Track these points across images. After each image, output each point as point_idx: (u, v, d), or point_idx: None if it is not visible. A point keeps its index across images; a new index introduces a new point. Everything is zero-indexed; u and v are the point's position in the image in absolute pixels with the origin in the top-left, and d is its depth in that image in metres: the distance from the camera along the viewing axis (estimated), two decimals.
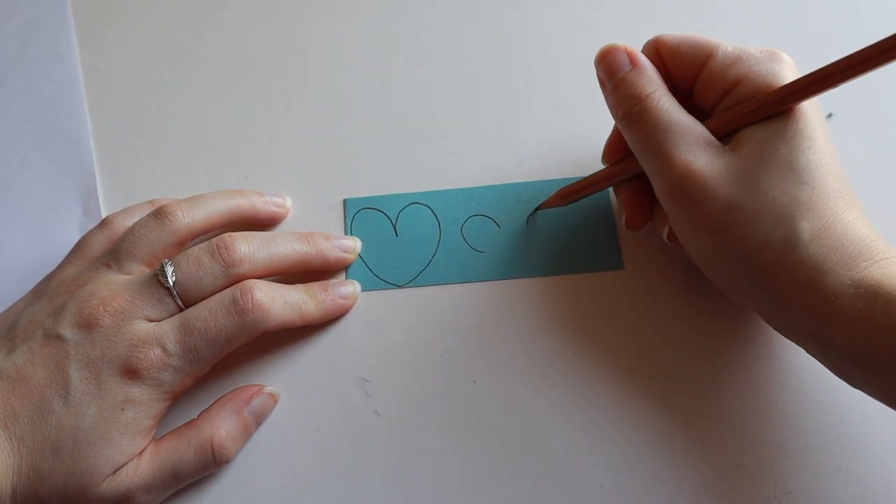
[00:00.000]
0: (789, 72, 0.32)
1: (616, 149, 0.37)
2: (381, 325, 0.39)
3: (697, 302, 0.38)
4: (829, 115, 0.42)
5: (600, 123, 0.43)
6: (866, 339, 0.28)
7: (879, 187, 0.41)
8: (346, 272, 0.40)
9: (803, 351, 0.36)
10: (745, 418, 0.36)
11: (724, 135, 0.32)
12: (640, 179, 0.36)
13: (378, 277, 0.40)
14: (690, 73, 0.34)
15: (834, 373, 0.31)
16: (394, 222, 0.41)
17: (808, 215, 0.29)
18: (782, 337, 0.37)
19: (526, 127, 0.43)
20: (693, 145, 0.31)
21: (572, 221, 0.41)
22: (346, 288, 0.39)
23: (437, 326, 0.39)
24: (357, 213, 0.41)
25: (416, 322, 0.39)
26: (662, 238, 0.36)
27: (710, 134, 0.32)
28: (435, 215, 0.41)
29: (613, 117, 0.35)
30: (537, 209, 0.40)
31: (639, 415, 0.36)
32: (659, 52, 0.34)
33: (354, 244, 0.40)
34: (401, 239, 0.41)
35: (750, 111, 0.31)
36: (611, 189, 0.41)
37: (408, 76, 0.45)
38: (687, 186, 0.31)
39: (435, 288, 0.40)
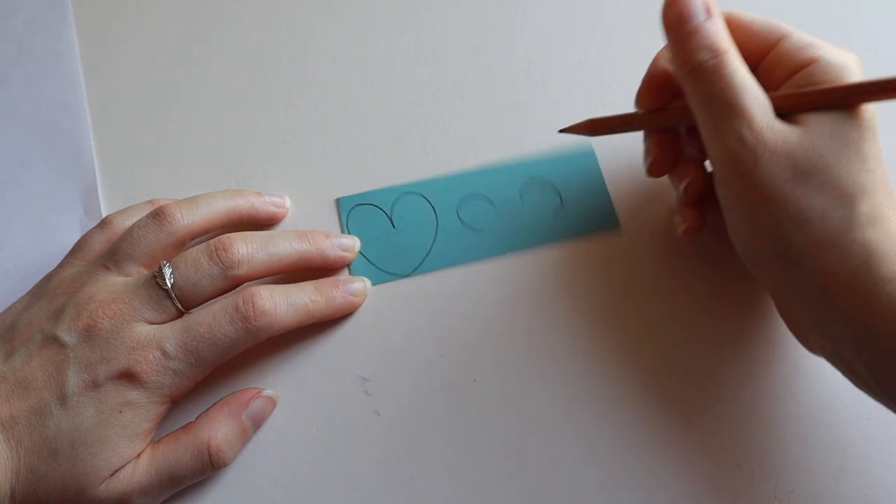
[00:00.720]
0: (857, 69, 0.32)
1: (652, 94, 0.37)
2: (382, 323, 0.39)
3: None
4: None
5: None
6: None
7: None
8: (350, 270, 0.40)
9: (804, 350, 0.36)
10: (746, 417, 0.36)
11: (789, 111, 0.32)
12: (674, 130, 0.36)
13: (382, 270, 0.40)
14: (760, 51, 0.34)
15: (859, 381, 0.31)
16: (389, 215, 0.41)
17: (868, 200, 0.29)
18: (782, 335, 0.37)
19: (526, 126, 0.43)
20: (766, 111, 0.31)
21: (565, 189, 0.41)
22: (357, 285, 0.39)
23: (445, 312, 0.39)
24: (352, 211, 0.41)
25: (422, 313, 0.39)
26: (678, 193, 0.36)
27: (774, 113, 0.32)
28: (429, 202, 0.41)
29: (678, 68, 0.33)
30: (562, 130, 0.39)
31: (639, 414, 0.36)
32: (729, 26, 0.33)
33: (353, 243, 0.40)
34: (399, 230, 0.41)
35: (826, 95, 0.31)
36: (595, 151, 0.42)
37: (408, 76, 0.45)
38: (757, 150, 0.30)
39: (440, 273, 0.40)
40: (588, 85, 0.44)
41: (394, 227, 0.41)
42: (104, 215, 0.40)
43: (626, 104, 0.43)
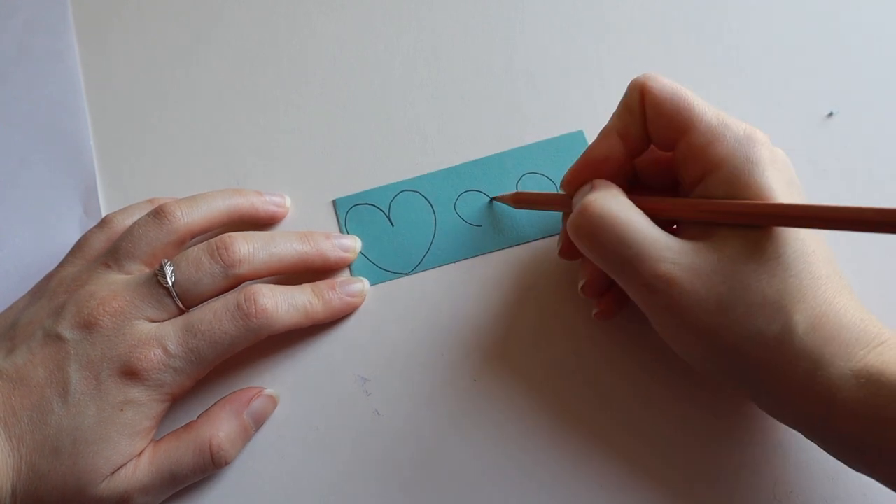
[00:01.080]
0: (766, 152, 0.31)
1: (577, 182, 0.35)
2: (382, 323, 0.39)
3: None
4: (830, 115, 0.42)
5: (601, 123, 0.43)
6: (872, 431, 0.27)
7: (880, 187, 0.40)
8: (351, 270, 0.40)
9: None
10: (745, 417, 0.36)
11: (704, 223, 0.31)
12: None
13: (383, 269, 0.40)
14: (670, 135, 0.33)
15: (834, 456, 0.31)
16: (387, 213, 0.41)
17: (800, 307, 0.28)
18: None
19: (526, 126, 0.43)
20: (668, 252, 0.30)
21: (559, 179, 0.41)
22: (355, 286, 0.39)
23: (444, 311, 0.39)
24: (350, 211, 0.41)
25: (422, 313, 0.39)
26: (577, 289, 0.36)
27: (679, 242, 0.30)
28: (426, 199, 0.42)
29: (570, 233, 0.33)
30: (492, 199, 0.41)
31: (639, 413, 0.36)
32: (643, 98, 0.33)
33: (354, 243, 0.40)
34: (397, 228, 0.41)
35: (732, 215, 0.30)
36: (585, 139, 0.43)
37: (408, 76, 0.45)
38: (672, 293, 0.29)
39: (439, 271, 0.40)
40: (588, 85, 0.44)
41: (392, 225, 0.41)
42: (104, 215, 0.40)
43: None
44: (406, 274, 0.40)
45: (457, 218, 0.41)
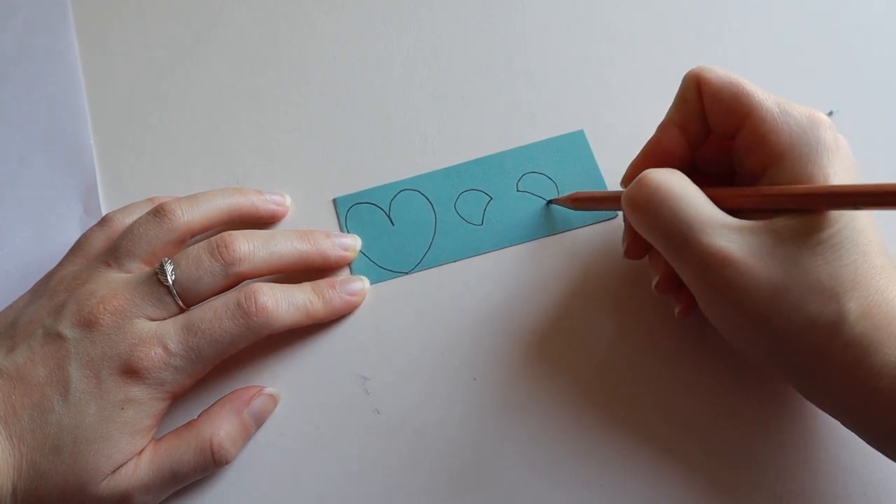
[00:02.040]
0: (830, 137, 0.31)
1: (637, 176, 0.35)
2: (382, 321, 0.39)
3: None
4: (830, 114, 0.42)
5: (602, 123, 0.43)
6: None
7: None
8: (351, 269, 0.40)
9: None
10: (746, 416, 0.36)
11: (753, 210, 0.31)
12: None
13: (383, 268, 0.40)
14: (730, 122, 0.33)
15: (873, 446, 0.31)
16: (387, 212, 0.41)
17: (854, 295, 0.28)
18: None
19: (526, 126, 0.43)
20: (724, 230, 0.30)
21: (561, 180, 0.42)
22: (355, 284, 0.39)
23: (444, 310, 0.39)
24: (350, 210, 0.41)
25: (422, 311, 0.39)
26: (651, 288, 0.35)
27: (737, 221, 0.30)
28: (426, 198, 0.42)
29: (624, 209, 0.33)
30: (550, 202, 0.41)
31: (639, 413, 0.36)
32: (699, 88, 0.33)
33: (354, 242, 0.40)
34: (398, 227, 0.41)
35: (794, 199, 0.30)
36: (587, 139, 0.42)
37: (408, 76, 0.45)
38: (726, 273, 0.29)
39: (439, 269, 0.40)
40: (588, 85, 0.44)
41: (392, 224, 0.41)
42: (104, 214, 0.40)
43: (625, 104, 0.43)
44: (406, 273, 0.40)
45: (457, 217, 0.41)
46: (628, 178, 0.36)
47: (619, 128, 0.43)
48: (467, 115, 0.44)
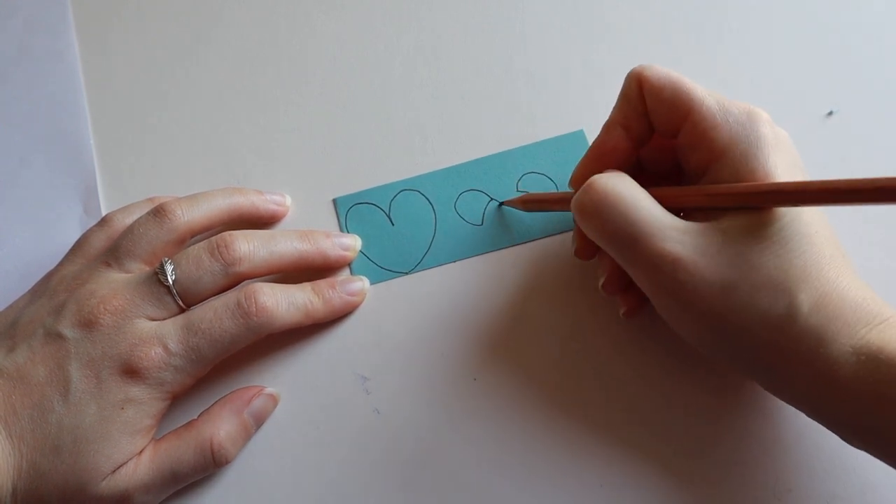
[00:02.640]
0: (769, 132, 0.31)
1: (585, 177, 0.35)
2: (382, 321, 0.39)
3: None
4: (830, 113, 0.42)
5: (602, 123, 0.43)
6: (871, 409, 0.28)
7: None
8: (351, 269, 0.40)
9: None
10: (745, 415, 0.36)
11: (699, 208, 0.31)
12: None
13: (383, 268, 0.40)
14: (672, 120, 0.33)
15: (836, 434, 0.31)
16: (387, 212, 0.41)
17: (804, 287, 0.29)
18: None
19: (526, 126, 0.43)
20: (672, 232, 0.30)
21: (561, 179, 0.42)
22: (355, 284, 0.39)
23: (444, 310, 0.39)
24: (350, 210, 0.41)
25: (422, 311, 0.39)
26: (598, 286, 0.36)
27: (684, 223, 0.30)
28: (426, 198, 0.42)
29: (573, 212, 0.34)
30: (501, 204, 0.41)
31: (639, 412, 0.36)
32: (641, 87, 0.33)
33: (354, 242, 0.40)
34: (398, 227, 0.41)
35: (738, 197, 0.30)
36: (586, 138, 0.43)
37: (408, 76, 0.45)
38: (678, 276, 0.29)
39: (439, 270, 0.40)
40: (588, 85, 0.44)
41: (392, 224, 0.41)
42: (104, 214, 0.40)
43: None
44: (406, 273, 0.40)
45: (457, 217, 0.41)
46: (576, 180, 0.36)
47: None
48: (467, 115, 0.44)
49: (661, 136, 0.35)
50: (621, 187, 0.31)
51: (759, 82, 0.44)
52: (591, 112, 0.43)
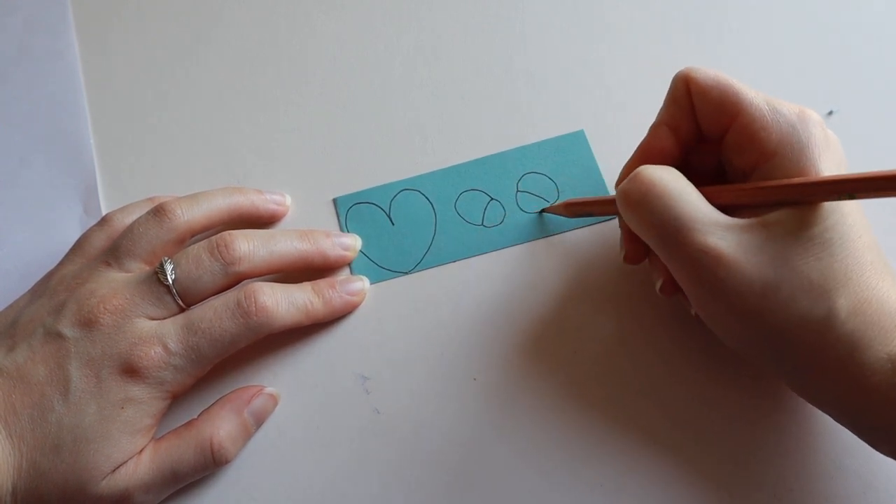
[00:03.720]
0: (820, 133, 0.31)
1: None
2: (382, 321, 0.39)
3: None
4: (830, 113, 0.42)
5: (602, 123, 0.43)
6: None
7: None
8: (351, 269, 0.40)
9: None
10: (746, 416, 0.36)
11: (742, 207, 0.31)
12: None
13: (383, 268, 0.40)
14: (720, 121, 0.33)
15: (866, 441, 0.31)
16: (388, 212, 0.41)
17: (844, 291, 0.28)
18: None
19: (526, 126, 0.43)
20: (716, 227, 0.30)
21: (561, 179, 0.42)
22: (355, 284, 0.39)
23: (444, 310, 0.39)
24: (350, 210, 0.41)
25: (422, 311, 0.39)
26: (656, 290, 0.35)
27: (728, 219, 0.30)
28: (427, 198, 0.42)
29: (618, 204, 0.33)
30: (543, 211, 0.41)
31: (639, 413, 0.36)
32: (689, 89, 0.33)
33: (354, 242, 0.40)
34: (398, 227, 0.41)
35: (789, 191, 0.30)
36: (587, 139, 0.43)
37: (408, 76, 0.45)
38: (718, 272, 0.29)
39: (439, 269, 0.40)
40: (588, 85, 0.44)
41: (392, 224, 0.41)
42: (104, 213, 0.40)
43: (625, 104, 0.43)
44: (406, 273, 0.40)
45: (457, 217, 0.41)
46: (622, 181, 0.36)
47: (620, 128, 0.43)
48: (467, 115, 0.44)
49: (706, 138, 0.34)
50: (668, 179, 0.31)
51: (759, 82, 0.43)
52: (591, 112, 0.43)
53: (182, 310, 0.34)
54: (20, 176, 0.44)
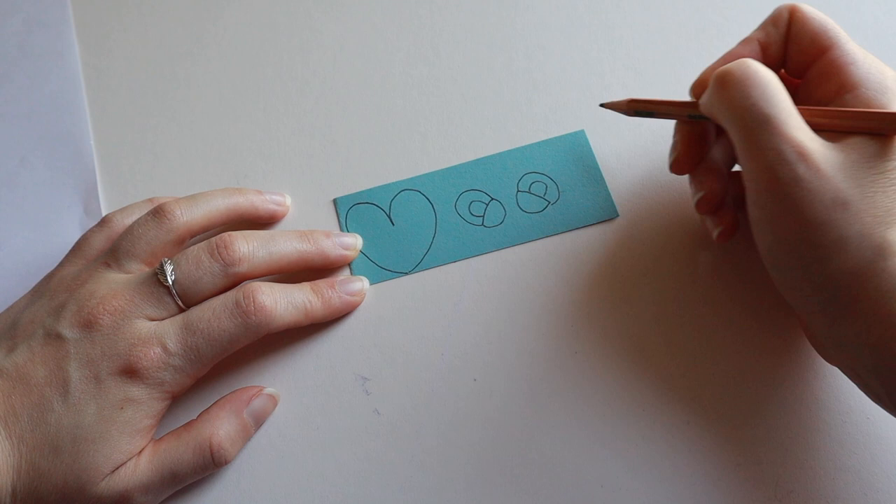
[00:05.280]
0: None
1: (707, 83, 0.35)
2: (382, 322, 0.39)
3: (700, 260, 0.39)
4: None
5: (602, 123, 0.43)
6: None
7: None
8: (351, 269, 0.40)
9: (804, 348, 0.36)
10: (747, 416, 0.36)
11: (822, 130, 0.32)
12: (706, 130, 0.36)
13: (383, 268, 0.40)
14: (810, 52, 0.34)
15: (873, 396, 0.31)
16: (388, 212, 0.41)
17: None
18: (784, 333, 0.37)
19: (526, 125, 0.43)
20: (807, 128, 0.30)
21: (561, 179, 0.42)
22: (355, 284, 0.39)
23: (444, 310, 0.39)
24: (350, 210, 0.41)
25: (422, 312, 0.39)
26: (693, 201, 0.36)
27: (813, 132, 0.31)
28: (427, 198, 0.42)
29: (712, 80, 0.33)
30: (603, 105, 0.39)
31: (639, 413, 0.36)
32: (791, 15, 0.34)
33: (355, 241, 0.40)
34: (398, 227, 0.41)
35: (869, 121, 0.30)
36: (588, 139, 0.43)
37: (408, 74, 0.45)
38: (799, 169, 0.29)
39: (439, 270, 0.40)
40: (588, 85, 0.44)
41: (393, 224, 0.41)
42: (104, 214, 0.40)
43: None
44: (406, 273, 0.40)
45: (457, 217, 0.41)
46: (699, 84, 0.36)
47: (620, 128, 0.43)
48: (467, 115, 0.44)
49: (788, 71, 0.35)
50: (770, 74, 0.31)
51: None
52: (591, 112, 0.43)
53: (181, 310, 0.34)
54: (20, 176, 0.44)
